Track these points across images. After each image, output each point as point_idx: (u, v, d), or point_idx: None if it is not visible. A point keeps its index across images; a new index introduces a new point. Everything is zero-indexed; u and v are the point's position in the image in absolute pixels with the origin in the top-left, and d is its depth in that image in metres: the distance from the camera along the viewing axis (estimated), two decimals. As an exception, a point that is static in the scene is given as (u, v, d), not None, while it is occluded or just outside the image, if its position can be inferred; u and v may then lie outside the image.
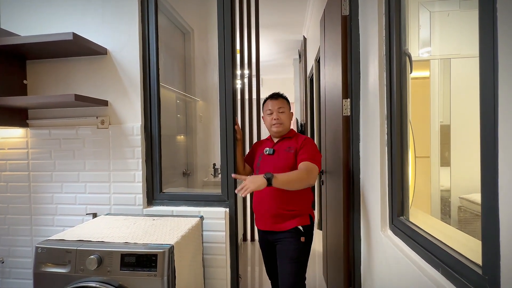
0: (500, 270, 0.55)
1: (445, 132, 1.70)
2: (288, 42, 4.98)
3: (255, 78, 3.21)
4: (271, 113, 1.55)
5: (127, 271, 0.99)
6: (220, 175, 2.79)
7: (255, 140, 3.20)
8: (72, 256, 1.03)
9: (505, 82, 0.54)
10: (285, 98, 1.60)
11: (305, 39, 4.29)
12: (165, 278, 0.99)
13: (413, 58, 1.10)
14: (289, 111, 1.59)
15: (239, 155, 1.62)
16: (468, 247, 0.75)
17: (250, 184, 1.24)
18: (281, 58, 5.88)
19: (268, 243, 1.56)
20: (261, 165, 1.56)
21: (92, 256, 1.00)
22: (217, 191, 1.62)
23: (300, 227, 1.46)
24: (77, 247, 1.04)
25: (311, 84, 3.95)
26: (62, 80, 1.66)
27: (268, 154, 1.55)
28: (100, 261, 1.00)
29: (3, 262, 1.72)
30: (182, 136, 2.34)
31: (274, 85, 6.63)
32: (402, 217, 1.07)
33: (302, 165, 1.41)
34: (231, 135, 1.55)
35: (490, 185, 0.58)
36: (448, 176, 1.69)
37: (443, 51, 1.75)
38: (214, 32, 2.91)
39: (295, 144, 1.50)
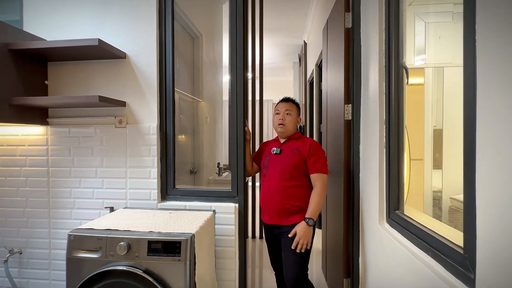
0: (476, 249, 0.68)
1: (438, 136, 1.82)
2: (289, 46, 5.11)
3: (258, 81, 3.33)
4: (278, 113, 1.68)
5: (154, 256, 1.11)
6: (224, 174, 2.92)
7: (257, 141, 3.31)
8: (102, 243, 1.14)
9: (482, 91, 0.68)
10: (296, 104, 1.72)
11: (305, 43, 4.42)
12: (188, 263, 1.10)
13: (408, 66, 1.24)
14: (297, 116, 1.69)
15: (247, 155, 1.74)
16: (453, 237, 0.88)
17: (304, 239, 1.48)
18: (281, 61, 6.00)
19: (273, 236, 1.68)
20: (268, 164, 1.68)
21: (122, 243, 1.11)
22: (221, 188, 1.73)
23: (303, 222, 1.58)
24: (108, 234, 1.16)
25: (311, 87, 4.09)
26: (82, 81, 1.75)
27: (276, 153, 1.66)
28: (129, 247, 1.12)
29: (21, 253, 1.81)
30: (188, 136, 2.45)
31: (273, 87, 6.77)
32: (398, 211, 1.20)
33: (317, 179, 1.55)
34: (241, 135, 1.66)
35: (470, 183, 0.71)
36: (440, 178, 1.82)
37: (437, 59, 1.88)
38: (221, 37, 3.03)
39: (302, 147, 1.60)
